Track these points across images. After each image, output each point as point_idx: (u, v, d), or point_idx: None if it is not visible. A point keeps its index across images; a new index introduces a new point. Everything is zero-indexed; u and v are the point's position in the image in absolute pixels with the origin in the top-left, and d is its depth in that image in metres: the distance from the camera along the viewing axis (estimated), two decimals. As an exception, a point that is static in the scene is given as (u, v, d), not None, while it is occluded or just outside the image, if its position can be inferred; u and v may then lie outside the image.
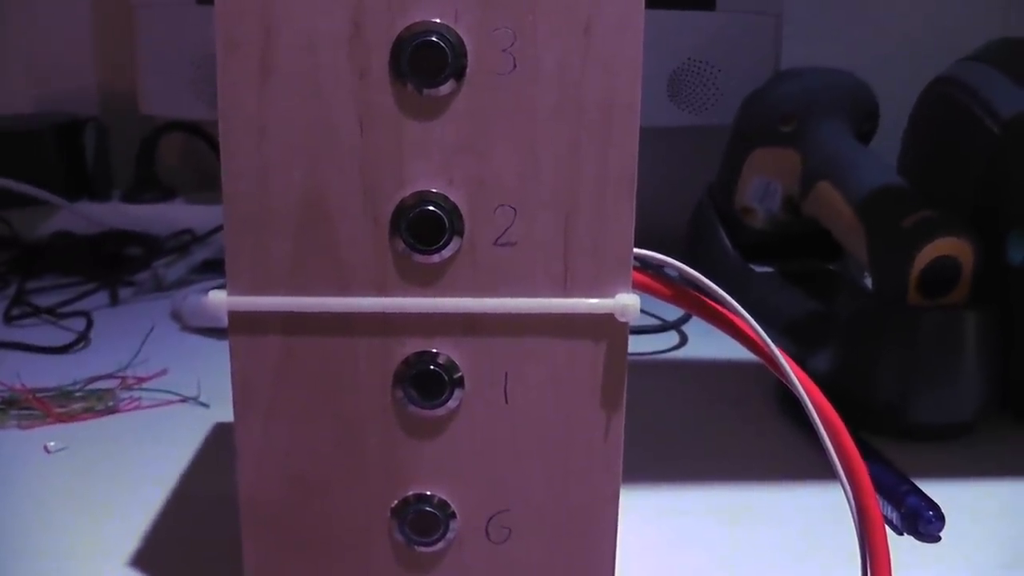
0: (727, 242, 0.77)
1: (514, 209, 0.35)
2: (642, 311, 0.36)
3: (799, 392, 0.36)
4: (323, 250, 0.35)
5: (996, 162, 0.61)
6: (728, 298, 0.37)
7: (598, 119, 0.34)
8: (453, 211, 0.35)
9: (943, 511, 0.48)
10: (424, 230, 0.34)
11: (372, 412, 0.36)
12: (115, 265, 0.88)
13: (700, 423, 0.61)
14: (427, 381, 0.36)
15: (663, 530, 0.48)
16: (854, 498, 0.37)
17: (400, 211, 0.35)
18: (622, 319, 0.35)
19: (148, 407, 0.61)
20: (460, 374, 0.36)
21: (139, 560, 0.45)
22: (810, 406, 0.36)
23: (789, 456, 0.56)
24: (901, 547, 0.47)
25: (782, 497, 0.51)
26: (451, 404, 0.36)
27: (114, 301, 0.82)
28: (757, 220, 0.76)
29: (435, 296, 0.35)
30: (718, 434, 0.59)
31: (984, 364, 0.57)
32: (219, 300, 0.35)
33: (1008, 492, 0.52)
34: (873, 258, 0.59)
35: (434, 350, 0.36)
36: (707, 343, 0.74)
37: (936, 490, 0.49)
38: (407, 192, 0.35)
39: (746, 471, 0.54)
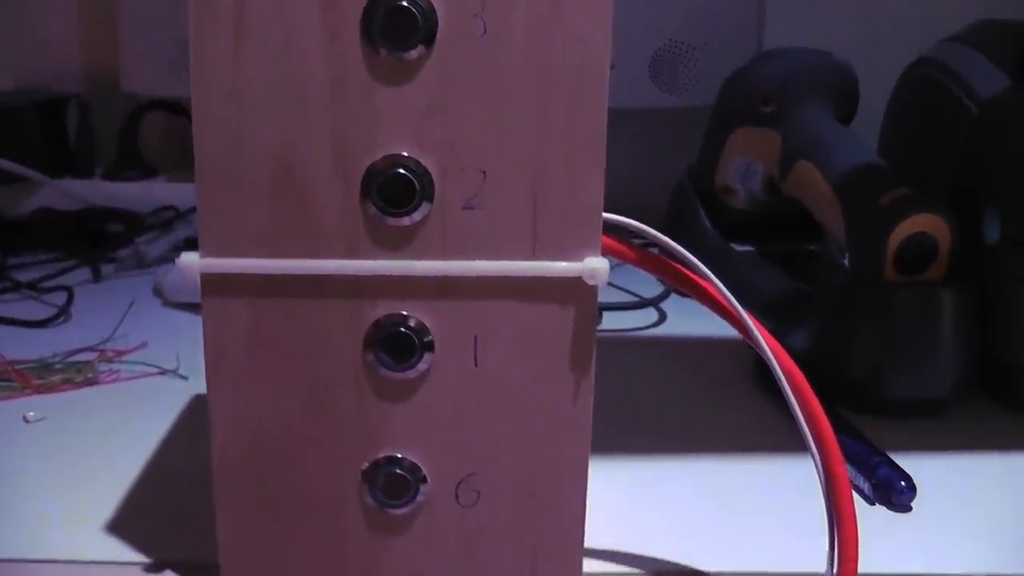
0: (707, 221, 0.77)
1: (484, 173, 0.35)
2: (620, 288, 0.36)
3: (765, 352, 0.37)
4: (295, 213, 0.35)
5: (974, 142, 0.61)
6: (694, 260, 0.37)
7: (567, 84, 0.34)
8: (424, 175, 0.35)
9: (915, 483, 0.48)
10: (395, 193, 0.35)
11: (343, 375, 0.37)
12: (97, 242, 0.88)
13: (676, 398, 0.61)
14: (397, 343, 0.36)
15: (636, 500, 0.49)
16: (821, 461, 0.37)
17: (371, 174, 0.35)
18: (591, 282, 0.35)
19: (127, 379, 0.61)
20: (430, 337, 0.36)
21: (115, 527, 0.45)
22: (777, 367, 0.37)
23: (764, 430, 0.56)
24: (873, 517, 0.47)
25: (755, 469, 0.52)
26: (421, 367, 0.36)
27: (96, 277, 0.82)
28: (738, 200, 0.77)
29: (405, 259, 0.35)
30: (694, 409, 0.60)
31: (960, 341, 0.57)
32: (191, 262, 0.36)
33: (981, 466, 0.53)
34: (850, 235, 0.60)
35: (404, 313, 0.36)
36: (686, 321, 0.74)
37: (910, 463, 0.49)
38: (378, 156, 0.35)
39: (721, 444, 0.54)
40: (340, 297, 0.36)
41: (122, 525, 0.45)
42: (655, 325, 0.74)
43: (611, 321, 0.73)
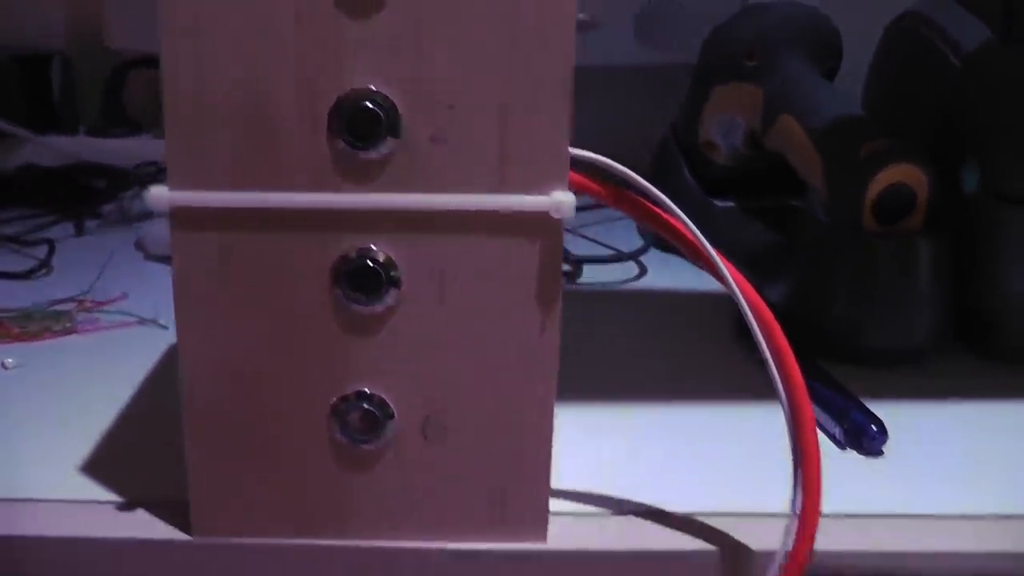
0: (689, 177, 0.77)
1: (450, 106, 0.35)
2: (601, 243, 0.36)
3: (730, 285, 0.37)
4: (262, 146, 0.35)
5: (956, 95, 0.61)
6: (662, 196, 0.37)
7: (533, 17, 0.34)
8: (390, 108, 0.35)
9: (888, 429, 0.48)
10: (361, 127, 0.35)
11: (310, 309, 0.37)
12: (82, 197, 0.88)
13: (655, 351, 0.61)
14: (364, 277, 0.36)
15: (608, 445, 0.49)
16: (786, 398, 0.37)
17: (338, 108, 0.35)
18: (556, 216, 0.36)
19: (106, 328, 0.61)
20: (397, 272, 0.36)
21: (89, 468, 0.45)
22: (742, 300, 0.37)
23: (740, 381, 0.56)
24: (844, 462, 0.48)
25: (728, 417, 0.52)
26: (388, 301, 0.36)
27: (79, 232, 0.82)
28: (720, 155, 0.77)
29: (372, 192, 0.36)
30: (672, 361, 0.60)
31: (937, 291, 0.58)
32: (160, 195, 0.36)
33: (954, 413, 0.53)
34: (829, 185, 0.60)
35: (371, 246, 0.36)
36: (666, 275, 0.74)
37: (885, 411, 0.50)
38: (344, 89, 0.35)
39: (695, 393, 0.55)
40: (307, 231, 0.36)
41: (96, 466, 0.45)
42: (635, 279, 0.74)
43: (591, 275, 0.73)
